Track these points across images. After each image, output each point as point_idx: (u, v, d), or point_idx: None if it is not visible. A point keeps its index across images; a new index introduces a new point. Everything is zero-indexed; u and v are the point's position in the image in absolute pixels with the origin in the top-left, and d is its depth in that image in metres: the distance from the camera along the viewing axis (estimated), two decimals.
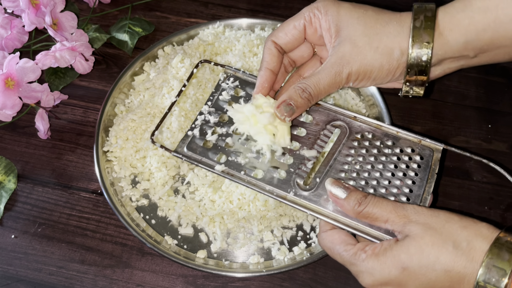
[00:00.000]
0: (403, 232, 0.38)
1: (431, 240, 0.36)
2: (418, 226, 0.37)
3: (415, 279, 0.37)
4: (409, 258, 0.37)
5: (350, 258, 0.40)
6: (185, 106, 0.58)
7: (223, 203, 0.54)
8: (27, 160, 0.60)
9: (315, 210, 0.43)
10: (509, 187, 0.59)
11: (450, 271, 0.36)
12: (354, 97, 0.64)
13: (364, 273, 0.39)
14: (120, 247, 0.54)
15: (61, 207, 0.57)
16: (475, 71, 0.69)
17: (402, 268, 0.37)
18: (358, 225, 0.41)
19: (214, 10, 0.75)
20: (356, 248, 0.40)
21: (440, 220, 0.37)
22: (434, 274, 0.36)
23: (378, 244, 0.39)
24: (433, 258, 0.36)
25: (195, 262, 0.52)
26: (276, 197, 0.45)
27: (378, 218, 0.39)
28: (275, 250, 0.53)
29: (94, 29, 0.70)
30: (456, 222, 0.37)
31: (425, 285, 0.37)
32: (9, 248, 0.54)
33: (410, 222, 0.38)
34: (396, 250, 0.37)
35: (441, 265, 0.36)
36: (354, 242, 0.41)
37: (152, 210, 0.56)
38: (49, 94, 0.60)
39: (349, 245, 0.41)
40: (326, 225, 0.43)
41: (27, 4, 0.59)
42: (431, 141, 0.46)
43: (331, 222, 0.42)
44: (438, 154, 0.46)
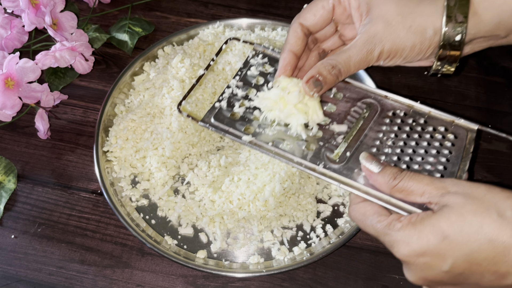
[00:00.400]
0: (441, 202, 0.36)
1: (473, 209, 0.34)
2: (458, 196, 0.35)
3: (456, 249, 0.34)
4: (450, 226, 0.34)
5: (384, 229, 0.37)
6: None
7: (223, 203, 0.54)
8: (27, 160, 0.60)
9: (345, 183, 0.42)
10: (509, 187, 0.59)
11: (494, 241, 0.33)
12: None
13: (399, 242, 0.36)
14: (120, 247, 0.54)
15: (61, 207, 0.57)
16: (475, 71, 0.69)
17: (442, 237, 0.34)
18: (391, 199, 0.40)
19: (214, 10, 0.75)
20: (390, 219, 0.37)
21: (481, 190, 0.36)
22: (477, 244, 0.34)
23: (414, 214, 0.37)
24: (476, 226, 0.34)
25: (195, 262, 0.52)
26: (305, 168, 0.43)
27: (414, 191, 0.38)
28: (275, 250, 0.53)
29: (94, 29, 0.70)
30: (498, 192, 0.35)
31: (466, 256, 0.34)
32: (9, 248, 0.54)
33: (448, 193, 0.36)
34: (435, 218, 0.35)
35: (485, 234, 0.33)
36: (387, 214, 0.39)
37: (152, 210, 0.56)
38: (49, 94, 0.60)
39: (382, 216, 0.38)
40: (357, 197, 0.41)
41: (27, 4, 0.59)
42: (465, 121, 0.45)
43: (362, 195, 0.41)
44: (472, 134, 0.45)
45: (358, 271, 0.53)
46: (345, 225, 0.55)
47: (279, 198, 0.53)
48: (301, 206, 0.56)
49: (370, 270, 0.53)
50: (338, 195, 0.57)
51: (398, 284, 0.52)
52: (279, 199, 0.54)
